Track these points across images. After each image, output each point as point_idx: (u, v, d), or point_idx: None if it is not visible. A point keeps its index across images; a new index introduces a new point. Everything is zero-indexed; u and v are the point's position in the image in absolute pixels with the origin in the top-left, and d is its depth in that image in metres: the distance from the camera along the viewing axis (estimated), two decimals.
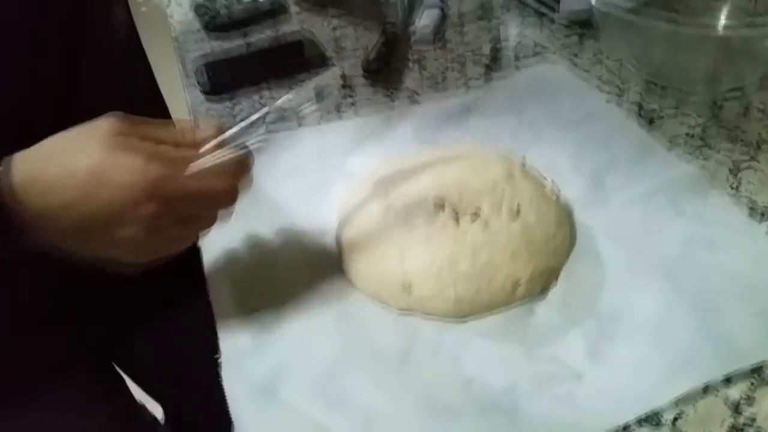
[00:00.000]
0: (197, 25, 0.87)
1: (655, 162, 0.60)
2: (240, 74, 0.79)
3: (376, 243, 0.51)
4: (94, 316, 0.70)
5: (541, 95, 0.70)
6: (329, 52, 0.81)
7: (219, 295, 0.52)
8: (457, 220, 0.50)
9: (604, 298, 0.49)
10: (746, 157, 0.60)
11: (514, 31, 0.82)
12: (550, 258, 0.50)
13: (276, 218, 0.58)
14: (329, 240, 0.56)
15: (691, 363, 0.45)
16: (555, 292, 0.50)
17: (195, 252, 0.56)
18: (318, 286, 0.52)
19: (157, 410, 0.96)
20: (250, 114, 0.72)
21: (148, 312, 0.74)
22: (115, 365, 0.78)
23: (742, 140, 0.62)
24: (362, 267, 0.51)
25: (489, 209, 0.51)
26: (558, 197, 0.55)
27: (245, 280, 0.53)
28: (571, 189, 0.58)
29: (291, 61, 0.79)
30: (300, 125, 0.71)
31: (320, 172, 0.63)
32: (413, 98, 0.73)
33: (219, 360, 0.48)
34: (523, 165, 0.57)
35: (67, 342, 0.68)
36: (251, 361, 0.47)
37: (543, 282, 0.50)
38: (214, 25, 0.86)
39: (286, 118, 0.72)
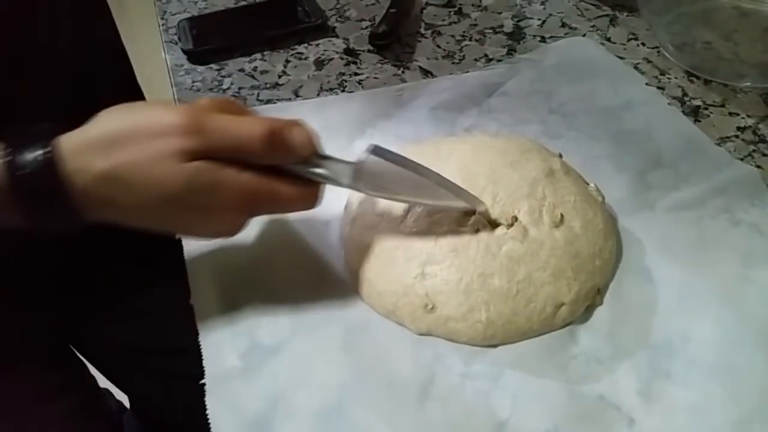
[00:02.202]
0: None
1: (705, 159, 0.53)
2: (228, 34, 0.71)
3: (393, 251, 0.43)
4: (51, 297, 0.64)
5: (572, 75, 0.62)
6: (332, 22, 0.72)
7: (202, 303, 0.44)
8: (490, 226, 0.43)
9: (656, 324, 0.42)
10: None
11: (538, 6, 0.73)
12: (596, 275, 0.43)
13: None
14: (335, 243, 0.47)
15: (764, 410, 0.38)
16: (600, 315, 0.43)
17: (173, 241, 0.48)
18: (321, 299, 0.44)
19: (124, 396, 0.91)
20: (240, 86, 0.64)
21: (111, 294, 0.67)
22: (75, 351, 0.73)
23: None
24: (375, 279, 0.43)
25: (528, 214, 0.43)
26: (604, 200, 0.47)
27: (234, 288, 0.45)
28: (613, 189, 0.50)
29: (287, 24, 0.70)
30: (297, 95, 0.62)
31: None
32: (427, 76, 0.64)
33: (203, 384, 0.40)
34: (560, 156, 0.49)
35: (19, 326, 0.61)
36: (242, 387, 0.40)
37: (587, 303, 0.42)
38: None
39: (279, 86, 0.63)
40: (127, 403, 0.96)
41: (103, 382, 0.81)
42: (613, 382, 0.39)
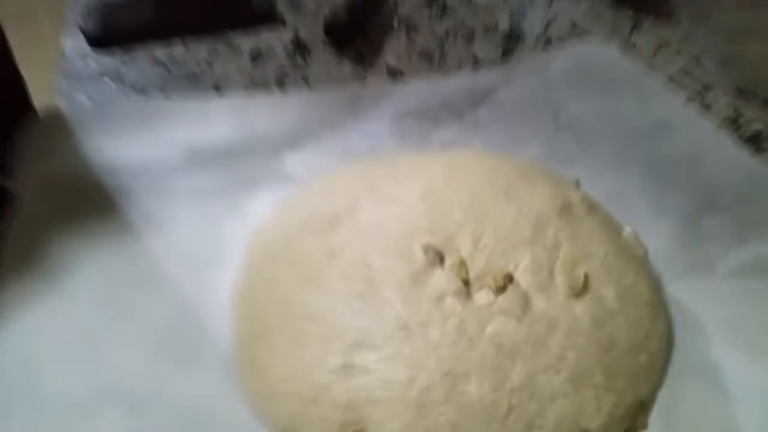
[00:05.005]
0: None
1: None
2: (147, 22, 0.55)
3: (303, 322, 0.26)
4: None
5: (586, 87, 0.47)
6: (280, 8, 0.56)
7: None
8: (467, 289, 0.26)
9: None
10: None
11: (542, 2, 0.58)
12: (641, 381, 0.26)
13: (148, 249, 0.33)
14: (222, 301, 0.30)
15: None
16: None
17: None
18: (180, 397, 0.26)
19: None
20: (145, 79, 0.48)
21: None
22: None
23: None
24: (270, 369, 0.26)
25: (532, 272, 0.26)
26: (647, 254, 0.31)
27: (46, 368, 0.27)
28: (653, 240, 0.34)
29: (221, 7, 0.55)
30: (219, 91, 0.46)
31: (239, 168, 0.39)
32: (396, 77, 0.49)
33: None
34: (578, 185, 0.33)
35: None
36: None
37: (625, 427, 0.25)
38: None
39: (197, 78, 0.47)
40: None
41: None
42: None
